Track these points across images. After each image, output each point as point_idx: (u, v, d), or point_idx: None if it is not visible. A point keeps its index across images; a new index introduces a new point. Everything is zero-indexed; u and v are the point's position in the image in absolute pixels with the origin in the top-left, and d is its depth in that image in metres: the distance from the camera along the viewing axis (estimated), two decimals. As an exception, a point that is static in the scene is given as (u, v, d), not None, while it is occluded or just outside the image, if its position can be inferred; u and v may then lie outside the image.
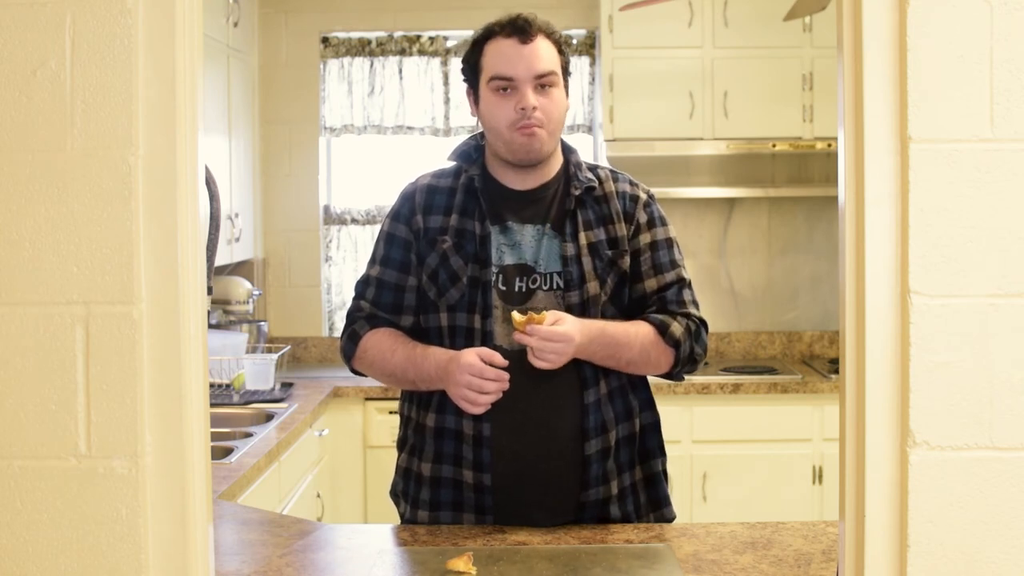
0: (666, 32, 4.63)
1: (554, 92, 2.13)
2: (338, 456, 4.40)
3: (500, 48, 2.13)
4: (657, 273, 2.21)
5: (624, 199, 2.23)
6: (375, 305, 2.23)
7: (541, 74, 2.11)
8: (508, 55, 2.11)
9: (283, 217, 5.07)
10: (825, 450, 4.36)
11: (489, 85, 2.14)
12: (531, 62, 2.10)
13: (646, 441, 2.24)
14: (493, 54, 2.14)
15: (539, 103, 2.11)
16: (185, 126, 1.28)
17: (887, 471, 1.24)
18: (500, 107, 2.13)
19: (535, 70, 2.11)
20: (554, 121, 2.14)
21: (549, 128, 2.14)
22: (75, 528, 1.27)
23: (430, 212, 2.22)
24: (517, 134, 2.12)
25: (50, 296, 1.27)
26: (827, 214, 4.98)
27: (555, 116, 2.14)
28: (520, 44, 2.11)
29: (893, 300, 1.24)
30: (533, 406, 2.13)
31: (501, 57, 2.12)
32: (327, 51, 5.05)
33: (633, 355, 2.14)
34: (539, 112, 2.11)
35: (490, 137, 2.20)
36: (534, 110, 2.10)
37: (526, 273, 2.17)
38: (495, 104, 2.13)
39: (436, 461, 2.18)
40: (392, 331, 2.21)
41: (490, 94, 2.14)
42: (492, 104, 2.14)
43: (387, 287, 2.23)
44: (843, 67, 1.29)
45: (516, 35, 2.11)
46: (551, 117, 2.13)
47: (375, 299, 2.23)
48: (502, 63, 2.12)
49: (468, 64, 2.20)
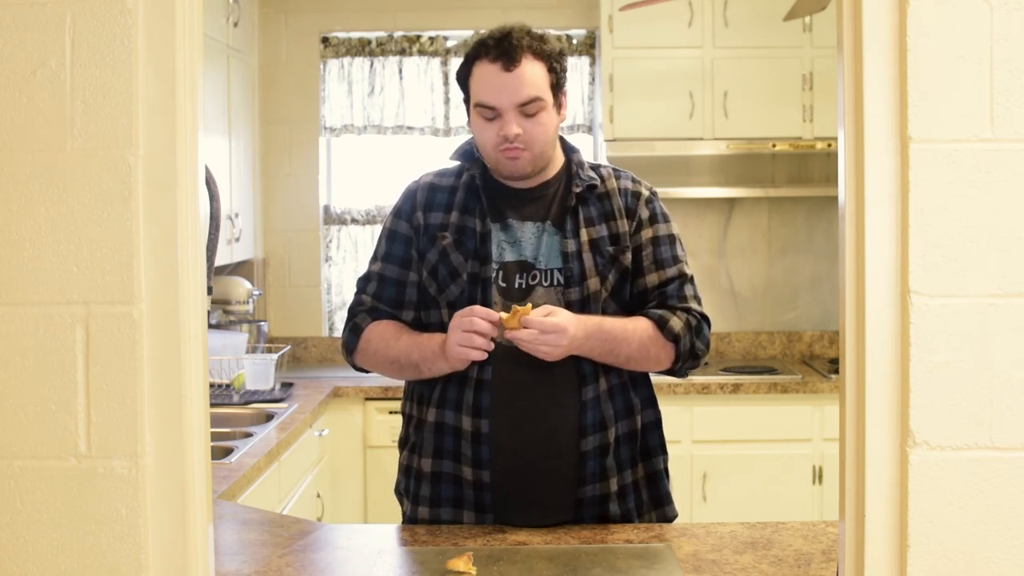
0: (666, 32, 4.63)
1: (541, 116, 2.14)
2: (338, 456, 4.40)
3: (484, 74, 2.13)
4: (658, 268, 2.21)
5: (626, 196, 2.24)
6: (377, 299, 2.24)
7: (524, 102, 2.11)
8: (492, 84, 2.12)
9: (283, 217, 5.07)
10: (825, 450, 4.36)
11: (475, 110, 2.16)
12: (515, 90, 2.11)
13: (647, 439, 2.25)
14: (478, 80, 2.15)
15: (523, 128, 2.12)
16: (185, 126, 1.28)
17: (887, 471, 1.24)
18: (485, 130, 2.15)
19: (518, 98, 2.11)
20: (540, 144, 2.15)
21: (535, 151, 2.15)
22: (75, 528, 1.27)
23: (431, 209, 2.23)
24: (501, 155, 2.15)
25: (50, 296, 1.27)
26: (827, 214, 4.98)
27: (540, 139, 2.15)
28: (503, 72, 2.11)
29: (893, 300, 1.24)
30: (532, 403, 2.14)
31: (485, 85, 2.13)
32: (327, 51, 5.05)
33: (632, 351, 2.14)
34: (522, 139, 2.12)
35: (479, 152, 2.23)
36: (517, 137, 2.12)
37: (526, 269, 2.18)
38: (481, 127, 2.16)
39: (436, 457, 2.19)
40: (394, 322, 2.23)
41: (476, 116, 2.17)
42: (478, 126, 2.17)
43: (389, 282, 2.24)
44: (843, 67, 1.29)
45: (501, 60, 2.11)
46: (536, 141, 2.14)
47: (377, 294, 2.25)
48: (486, 91, 2.13)
49: (459, 79, 2.22)
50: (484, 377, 2.13)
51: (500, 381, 2.13)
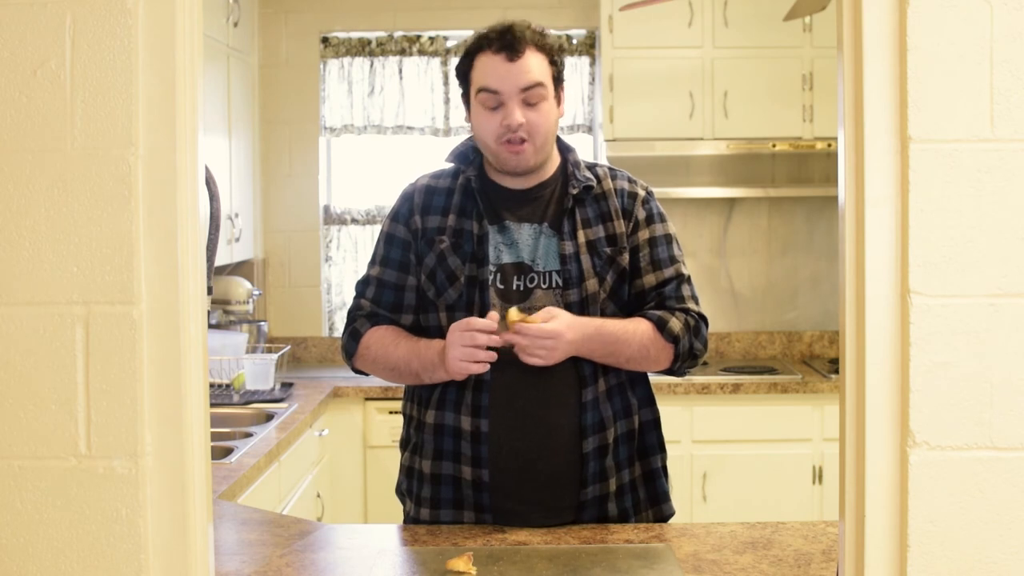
0: (666, 32, 4.63)
1: (543, 106, 2.13)
2: (338, 456, 4.40)
3: (488, 63, 2.13)
4: (656, 269, 2.21)
5: (623, 196, 2.24)
6: (376, 304, 2.24)
7: (528, 86, 2.11)
8: (496, 71, 2.12)
9: (283, 217, 5.07)
10: (825, 450, 4.36)
11: (477, 97, 2.15)
12: (518, 76, 2.11)
13: (645, 438, 2.25)
14: (481, 68, 2.14)
15: (527, 118, 2.12)
16: (185, 126, 1.28)
17: (887, 471, 1.24)
18: (488, 121, 2.14)
19: (522, 83, 2.11)
20: (542, 135, 2.14)
21: (537, 143, 2.14)
22: (75, 528, 1.27)
23: (428, 212, 2.23)
24: (503, 148, 2.14)
25: (50, 296, 1.27)
26: (827, 214, 4.98)
27: (543, 129, 2.14)
28: (507, 61, 2.11)
29: (893, 300, 1.24)
30: (531, 403, 2.14)
31: (489, 72, 2.13)
32: (327, 51, 5.05)
33: (632, 352, 2.14)
34: (525, 128, 2.12)
35: (480, 147, 2.22)
36: (520, 126, 2.11)
37: (524, 272, 2.18)
38: (483, 117, 2.15)
39: (436, 458, 2.19)
40: (393, 327, 2.22)
41: (478, 106, 2.16)
42: (480, 117, 2.16)
43: (387, 286, 2.24)
44: (843, 67, 1.29)
45: (504, 51, 2.11)
46: (539, 131, 2.14)
47: (375, 298, 2.24)
48: (489, 78, 2.12)
49: (459, 73, 2.21)
50: (484, 377, 2.13)
51: (500, 382, 2.13)
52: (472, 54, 2.17)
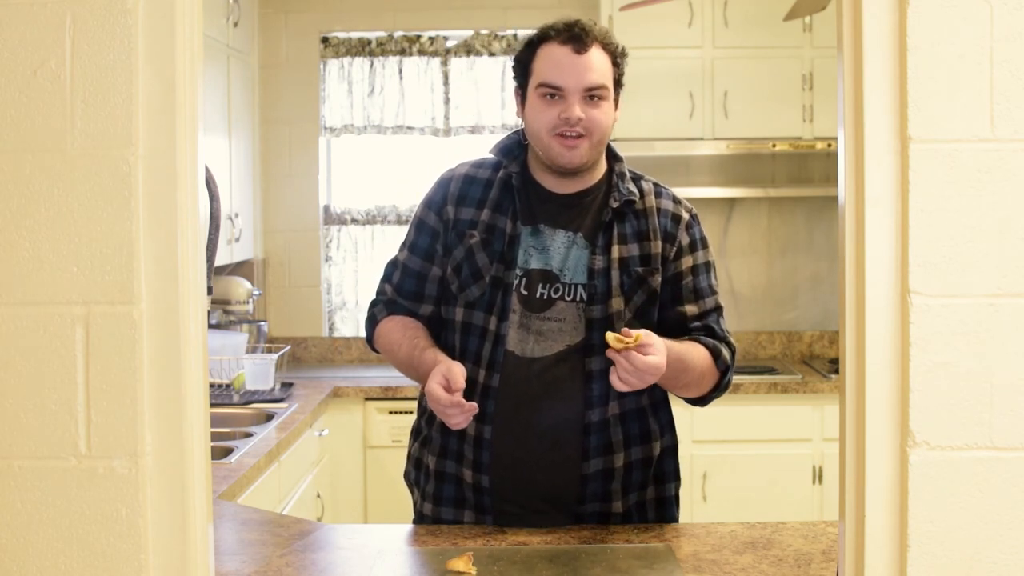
0: (666, 32, 4.63)
1: (603, 104, 2.08)
2: (338, 456, 4.40)
3: (553, 55, 2.08)
4: (698, 299, 2.17)
5: (666, 217, 2.18)
6: (397, 291, 2.23)
7: (591, 87, 2.06)
8: (560, 63, 2.06)
9: (283, 217, 5.07)
10: (825, 450, 4.36)
11: (537, 91, 2.09)
12: (583, 74, 2.05)
13: (663, 465, 2.22)
14: (545, 59, 2.08)
15: (586, 114, 2.06)
16: (185, 126, 1.28)
17: (887, 471, 1.24)
18: (545, 112, 2.08)
19: (586, 82, 2.06)
20: (599, 133, 2.09)
21: (593, 140, 2.09)
22: (75, 528, 1.27)
23: (463, 203, 2.18)
24: (556, 141, 2.08)
25: (50, 296, 1.27)
26: (827, 214, 4.98)
27: (601, 128, 2.09)
28: (574, 53, 2.06)
29: (893, 300, 1.24)
30: (537, 416, 2.10)
31: (553, 64, 2.07)
32: (327, 51, 5.05)
33: (691, 378, 2.11)
34: (584, 124, 2.06)
35: (531, 140, 2.16)
36: (579, 121, 2.06)
37: (550, 281, 2.13)
38: (540, 108, 2.09)
39: (441, 456, 2.19)
40: (404, 322, 2.20)
41: (537, 99, 2.09)
42: (537, 108, 2.10)
43: (410, 274, 2.22)
44: (843, 67, 1.29)
45: (571, 43, 2.06)
46: (597, 128, 2.08)
47: (398, 284, 2.23)
48: (553, 71, 2.07)
49: (519, 64, 2.15)
50: (491, 384, 2.11)
51: (507, 390, 2.10)
52: (535, 44, 2.11)
